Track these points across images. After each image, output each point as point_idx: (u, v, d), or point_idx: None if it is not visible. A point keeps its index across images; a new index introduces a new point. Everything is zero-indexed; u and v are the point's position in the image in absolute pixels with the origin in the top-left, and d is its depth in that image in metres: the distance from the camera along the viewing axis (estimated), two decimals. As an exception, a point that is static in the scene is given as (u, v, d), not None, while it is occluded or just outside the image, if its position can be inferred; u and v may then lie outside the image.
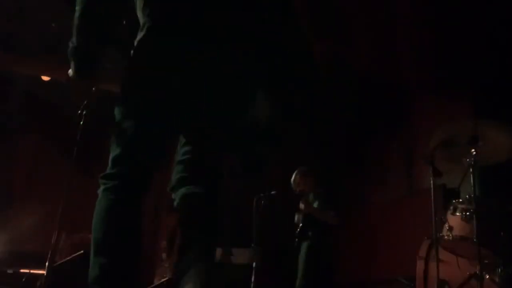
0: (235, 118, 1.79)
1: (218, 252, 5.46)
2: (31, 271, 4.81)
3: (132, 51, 1.77)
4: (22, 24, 5.00)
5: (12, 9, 4.84)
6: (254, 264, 4.46)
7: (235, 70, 1.75)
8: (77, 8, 1.76)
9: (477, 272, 2.78)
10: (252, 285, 4.38)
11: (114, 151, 1.73)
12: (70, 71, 1.85)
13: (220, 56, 1.71)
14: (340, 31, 4.92)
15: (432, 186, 3.17)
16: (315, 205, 4.57)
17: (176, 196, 1.81)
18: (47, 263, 3.49)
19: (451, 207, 3.12)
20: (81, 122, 2.39)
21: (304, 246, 4.48)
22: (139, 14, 1.77)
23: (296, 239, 4.54)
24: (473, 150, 3.02)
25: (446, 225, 3.06)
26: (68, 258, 4.18)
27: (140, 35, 1.75)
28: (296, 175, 4.72)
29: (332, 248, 4.55)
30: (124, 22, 1.87)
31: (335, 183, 5.70)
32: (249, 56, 1.76)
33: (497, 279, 2.88)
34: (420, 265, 3.30)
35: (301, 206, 4.51)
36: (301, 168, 4.76)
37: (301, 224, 4.54)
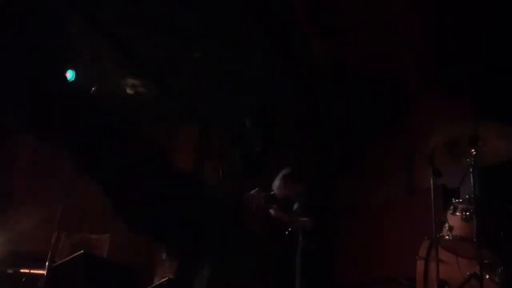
0: None
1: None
2: (31, 271, 4.82)
3: None
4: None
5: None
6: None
7: None
8: None
9: (477, 272, 2.78)
10: (252, 285, 4.37)
11: None
12: None
13: None
14: (340, 31, 4.92)
15: (432, 186, 3.17)
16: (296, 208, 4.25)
17: None
18: (47, 263, 3.51)
19: (451, 207, 3.12)
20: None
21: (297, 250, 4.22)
22: None
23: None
24: (473, 150, 3.02)
25: (446, 225, 3.06)
26: (68, 258, 4.19)
27: None
28: (281, 179, 4.37)
29: (321, 252, 4.20)
30: None
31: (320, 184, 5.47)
32: None
33: (497, 279, 2.88)
34: (420, 265, 3.29)
35: (272, 212, 4.20)
36: (287, 171, 4.40)
37: (290, 228, 4.26)
